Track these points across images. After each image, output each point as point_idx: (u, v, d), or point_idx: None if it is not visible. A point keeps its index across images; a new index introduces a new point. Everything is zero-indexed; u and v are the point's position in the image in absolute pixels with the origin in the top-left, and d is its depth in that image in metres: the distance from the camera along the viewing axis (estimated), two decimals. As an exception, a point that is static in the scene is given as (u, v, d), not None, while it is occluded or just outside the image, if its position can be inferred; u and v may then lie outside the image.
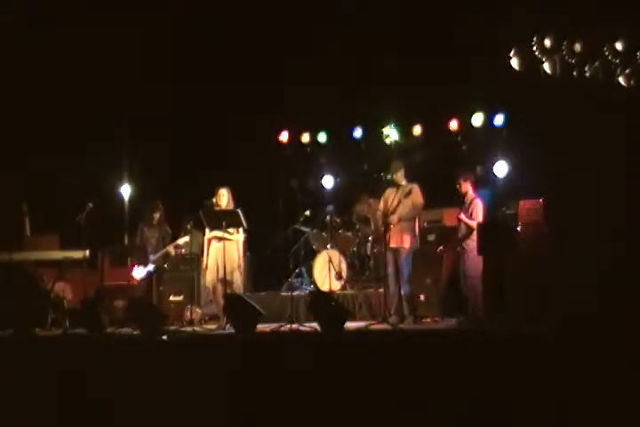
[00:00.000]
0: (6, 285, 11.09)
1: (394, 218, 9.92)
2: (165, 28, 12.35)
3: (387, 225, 9.91)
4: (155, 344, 8.96)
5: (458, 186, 10.04)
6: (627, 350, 6.86)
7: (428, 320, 10.31)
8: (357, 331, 9.16)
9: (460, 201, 10.10)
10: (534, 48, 10.71)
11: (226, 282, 10.10)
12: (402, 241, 9.95)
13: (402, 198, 9.97)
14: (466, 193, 10.02)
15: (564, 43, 10.60)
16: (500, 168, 12.01)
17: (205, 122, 13.03)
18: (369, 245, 12.26)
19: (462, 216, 9.89)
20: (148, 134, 12.91)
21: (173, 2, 12.29)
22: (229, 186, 10.45)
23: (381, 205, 10.29)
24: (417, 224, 10.18)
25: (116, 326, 10.33)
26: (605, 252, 8.99)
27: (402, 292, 9.93)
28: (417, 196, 10.05)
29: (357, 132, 13.56)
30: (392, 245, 9.93)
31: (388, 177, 10.36)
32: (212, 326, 10.54)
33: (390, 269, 10.00)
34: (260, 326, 9.43)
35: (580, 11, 9.90)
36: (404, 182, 10.17)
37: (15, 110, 12.43)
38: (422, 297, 10.44)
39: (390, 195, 10.19)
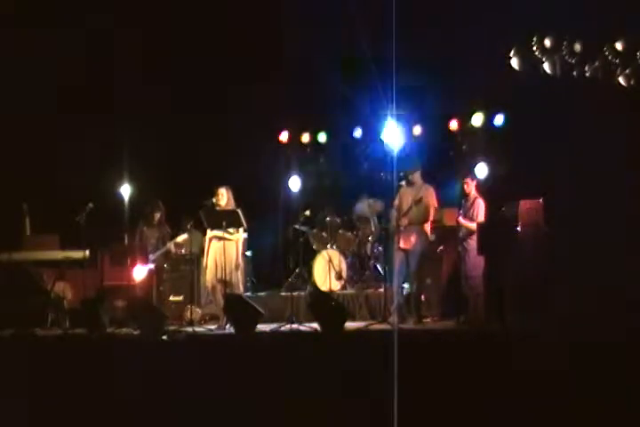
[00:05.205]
0: (6, 285, 11.09)
1: (404, 221, 9.90)
2: (165, 26, 12.35)
3: (398, 226, 9.90)
4: (155, 344, 8.96)
5: (464, 185, 10.05)
6: (627, 349, 6.87)
7: (428, 320, 10.31)
8: (357, 331, 9.16)
9: (463, 200, 10.10)
10: (534, 48, 10.72)
11: (225, 282, 10.10)
12: (412, 243, 9.92)
13: (415, 201, 9.86)
14: (469, 193, 10.03)
15: (564, 43, 10.61)
16: (499, 168, 12.00)
17: (205, 121, 13.02)
18: (369, 245, 12.25)
19: (461, 219, 9.90)
20: (147, 134, 12.90)
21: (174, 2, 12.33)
22: (229, 185, 10.45)
23: (397, 201, 10.16)
24: (429, 225, 10.14)
25: (115, 326, 10.32)
26: (605, 251, 8.99)
27: (407, 291, 9.92)
28: (432, 199, 10.01)
29: (357, 132, 13.55)
30: (402, 246, 9.91)
31: (401, 175, 10.14)
32: (212, 326, 10.54)
33: (397, 270, 9.98)
34: (260, 326, 9.44)
35: (581, 11, 9.91)
36: (419, 182, 10.11)
37: (15, 110, 12.42)
38: (422, 297, 10.43)
39: (406, 195, 10.06)
